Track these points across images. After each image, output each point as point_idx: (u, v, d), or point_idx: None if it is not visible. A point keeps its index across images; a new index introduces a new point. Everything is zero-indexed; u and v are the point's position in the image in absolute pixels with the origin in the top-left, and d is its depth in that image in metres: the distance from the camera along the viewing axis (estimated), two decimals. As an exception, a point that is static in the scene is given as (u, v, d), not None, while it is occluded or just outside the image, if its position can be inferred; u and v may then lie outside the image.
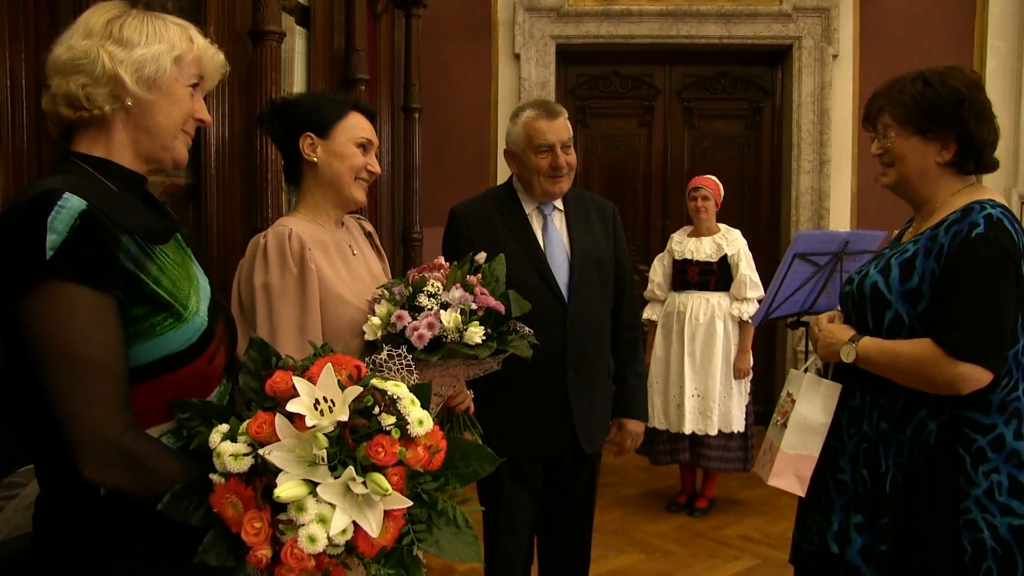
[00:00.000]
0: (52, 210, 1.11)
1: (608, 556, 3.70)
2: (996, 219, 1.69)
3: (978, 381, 1.66)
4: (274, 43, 2.35)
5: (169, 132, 1.29)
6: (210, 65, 1.34)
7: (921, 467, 1.71)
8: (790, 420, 1.85)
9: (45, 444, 1.21)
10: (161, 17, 1.30)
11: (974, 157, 1.77)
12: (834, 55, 5.13)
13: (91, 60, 1.22)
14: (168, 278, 1.23)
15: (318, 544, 1.00)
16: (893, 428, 1.76)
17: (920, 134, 1.77)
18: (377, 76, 3.86)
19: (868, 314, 1.80)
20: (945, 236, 1.71)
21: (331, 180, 1.87)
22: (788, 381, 1.99)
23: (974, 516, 1.67)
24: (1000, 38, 5.10)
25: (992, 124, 1.79)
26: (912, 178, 1.80)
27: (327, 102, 1.89)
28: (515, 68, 5.18)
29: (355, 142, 1.88)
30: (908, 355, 1.70)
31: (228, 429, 1.08)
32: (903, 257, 1.76)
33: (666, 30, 5.17)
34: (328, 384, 1.07)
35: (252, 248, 1.79)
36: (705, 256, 4.19)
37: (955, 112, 1.73)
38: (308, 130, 1.86)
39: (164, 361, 1.20)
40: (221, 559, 1.05)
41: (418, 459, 1.08)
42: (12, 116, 1.58)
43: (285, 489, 1.00)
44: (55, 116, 1.25)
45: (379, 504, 1.03)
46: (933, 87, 1.75)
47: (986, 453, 1.69)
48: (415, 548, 1.10)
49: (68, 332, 1.11)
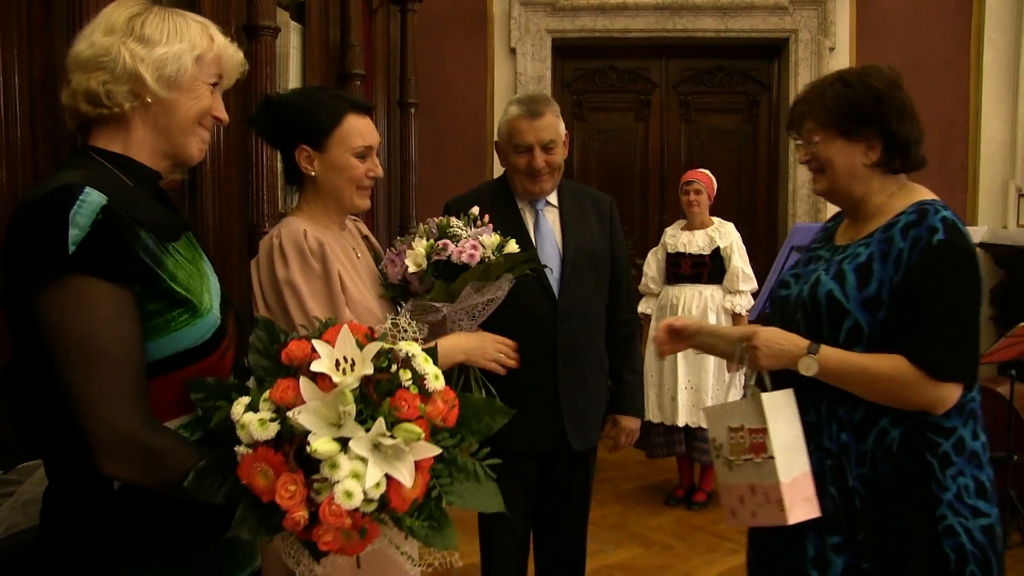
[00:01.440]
0: (74, 204, 1.11)
1: (607, 550, 3.71)
2: (951, 222, 1.66)
3: (953, 400, 1.64)
4: (269, 38, 2.35)
5: (187, 130, 1.30)
6: (229, 64, 1.34)
7: (887, 477, 1.67)
8: (775, 449, 1.67)
9: (55, 438, 1.20)
10: (182, 14, 1.30)
11: (900, 155, 1.75)
12: (831, 48, 5.12)
13: (112, 58, 1.22)
14: (182, 275, 1.23)
15: (354, 499, 1.00)
16: (853, 439, 1.70)
17: (844, 136, 1.75)
18: (373, 71, 3.85)
19: (824, 323, 1.73)
20: (903, 241, 1.67)
21: (332, 192, 1.84)
22: (720, 419, 1.80)
23: (951, 522, 1.65)
24: (997, 30, 5.09)
25: (915, 121, 1.76)
26: (842, 181, 1.78)
27: (319, 108, 1.81)
28: (511, 62, 5.17)
29: (353, 152, 1.82)
30: (883, 374, 1.64)
31: (249, 400, 1.08)
32: (857, 262, 1.71)
33: (662, 24, 5.16)
34: (347, 345, 1.08)
35: (266, 247, 1.77)
36: (697, 249, 4.21)
37: (875, 111, 1.72)
38: (303, 142, 1.80)
39: (179, 356, 1.21)
40: (254, 532, 1.05)
41: (438, 412, 1.10)
42: (6, 112, 1.58)
43: (320, 443, 1.01)
44: (74, 111, 1.25)
45: (408, 456, 1.05)
46: (852, 88, 1.75)
47: (951, 457, 1.67)
48: (443, 501, 1.12)
49: (87, 326, 1.11)
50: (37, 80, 1.64)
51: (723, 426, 1.78)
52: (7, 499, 1.54)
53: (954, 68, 5.15)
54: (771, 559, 1.83)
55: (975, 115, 5.15)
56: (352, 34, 3.28)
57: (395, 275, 1.93)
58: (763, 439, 1.69)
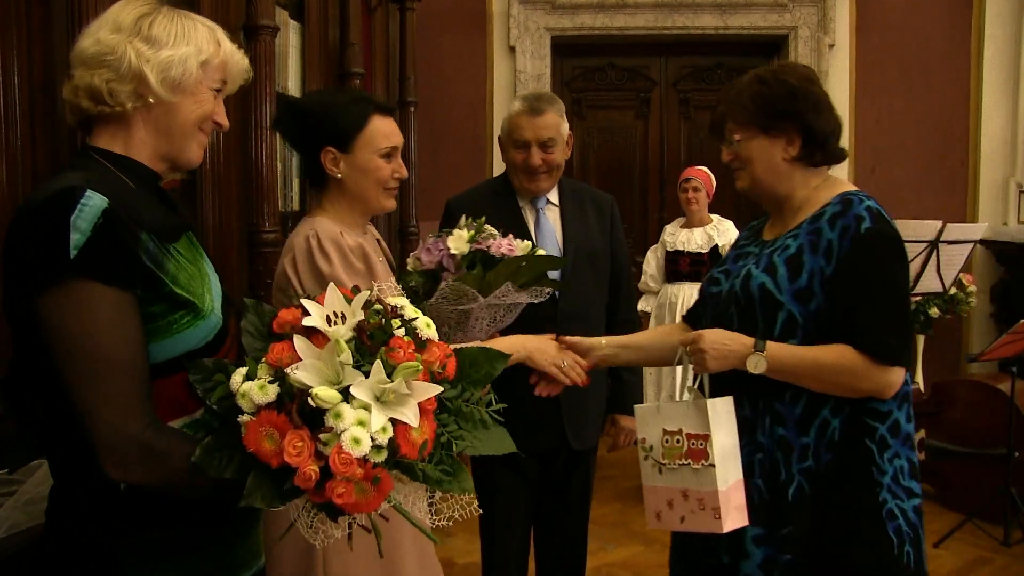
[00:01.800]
0: (75, 208, 1.11)
1: (608, 548, 3.71)
2: (876, 210, 1.70)
3: (900, 382, 1.67)
4: (268, 38, 2.35)
5: (187, 134, 1.30)
6: (234, 70, 1.34)
7: (830, 467, 1.69)
8: (716, 457, 1.65)
9: (59, 439, 1.21)
10: (190, 17, 1.29)
11: (819, 148, 1.78)
12: (830, 45, 5.12)
13: (117, 56, 1.21)
14: (184, 276, 1.23)
15: (363, 445, 1.00)
16: (793, 433, 1.71)
17: (763, 132, 1.77)
18: (372, 70, 3.85)
19: (758, 316, 1.74)
20: (831, 231, 1.70)
21: (358, 194, 1.84)
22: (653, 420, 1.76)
23: (891, 505, 1.68)
24: (997, 26, 5.09)
25: (831, 114, 1.79)
26: (764, 178, 1.80)
27: (345, 110, 1.81)
28: (510, 61, 5.17)
29: (379, 153, 1.82)
30: (831, 364, 1.65)
31: (247, 370, 1.08)
32: (787, 254, 1.73)
33: (661, 21, 5.16)
34: (335, 301, 1.09)
35: (303, 247, 1.75)
36: (696, 247, 4.21)
37: (791, 105, 1.75)
38: (328, 144, 1.80)
39: (182, 358, 1.21)
40: (267, 499, 1.04)
41: (435, 358, 1.10)
42: (5, 113, 1.58)
43: (322, 390, 1.01)
44: (75, 107, 1.25)
45: (410, 399, 1.04)
46: (768, 85, 1.77)
47: (887, 440, 1.70)
48: (453, 448, 1.11)
49: (89, 330, 1.11)
50: (37, 81, 1.64)
51: (657, 427, 1.75)
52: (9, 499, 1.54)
53: (954, 64, 5.15)
54: (691, 552, 1.85)
55: (975, 112, 5.14)
56: (351, 33, 3.27)
57: (430, 261, 1.95)
58: (704, 446, 1.67)
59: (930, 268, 3.29)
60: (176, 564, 1.23)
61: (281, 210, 2.64)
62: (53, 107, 1.68)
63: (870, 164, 5.18)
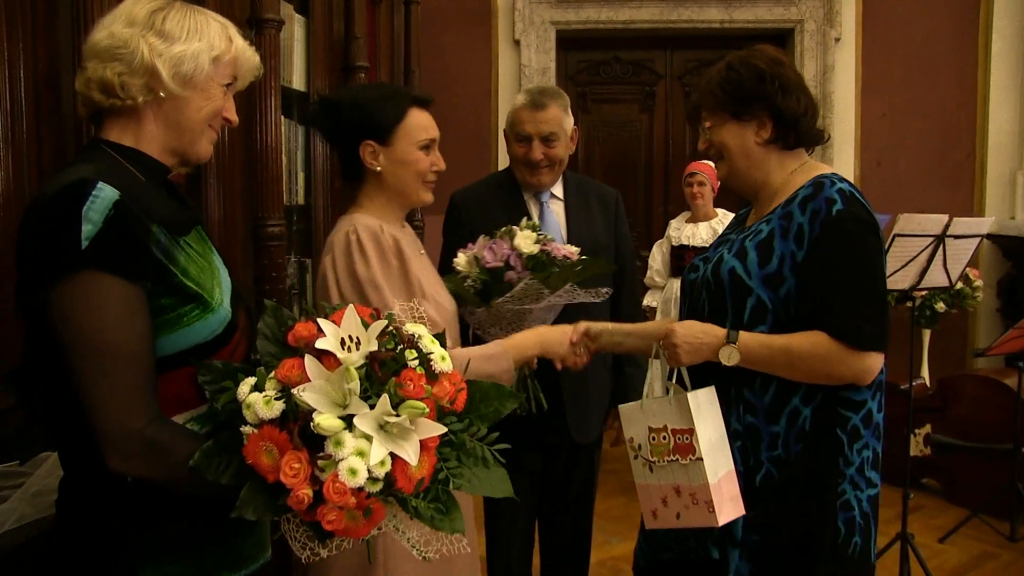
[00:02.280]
0: (87, 200, 1.11)
1: (612, 542, 3.71)
2: (850, 193, 1.68)
3: (878, 368, 1.65)
4: (273, 31, 2.34)
5: (197, 129, 1.31)
6: (245, 67, 1.35)
7: (799, 456, 1.68)
8: (703, 451, 1.64)
9: (70, 431, 1.21)
10: (203, 12, 1.30)
11: (791, 130, 1.76)
12: (836, 38, 5.10)
13: (130, 50, 1.22)
14: (193, 269, 1.24)
15: (359, 476, 1.00)
16: (763, 421, 1.70)
17: (734, 117, 1.77)
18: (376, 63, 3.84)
19: (728, 301, 1.73)
20: (802, 215, 1.67)
21: (397, 187, 1.84)
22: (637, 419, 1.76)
23: (848, 496, 1.68)
24: (1006, 18, 5.06)
25: (803, 95, 1.77)
26: (740, 164, 1.79)
27: (384, 103, 1.81)
28: (515, 54, 5.16)
29: (419, 145, 1.82)
30: (806, 352, 1.64)
31: (256, 381, 1.08)
32: (758, 239, 1.72)
33: (667, 15, 5.14)
34: (352, 324, 1.08)
35: (343, 244, 1.75)
36: (701, 241, 4.21)
37: (759, 88, 1.74)
38: (367, 137, 1.80)
39: (191, 351, 1.21)
40: (259, 512, 1.05)
41: (444, 392, 1.10)
42: (11, 107, 1.58)
43: (324, 418, 1.01)
44: (87, 99, 1.26)
45: (414, 435, 1.04)
46: (735, 70, 1.78)
47: (859, 430, 1.69)
48: (450, 484, 1.11)
49: (98, 322, 1.12)
50: (41, 75, 1.64)
51: (642, 426, 1.74)
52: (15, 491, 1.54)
53: (961, 58, 5.12)
54: (661, 536, 1.84)
55: (982, 105, 5.12)
56: (356, 26, 3.26)
57: (495, 259, 1.99)
58: (690, 440, 1.66)
59: (936, 262, 3.28)
60: (185, 556, 1.24)
61: (286, 204, 2.63)
62: (58, 101, 1.68)
63: (876, 158, 5.16)
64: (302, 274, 3.01)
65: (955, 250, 3.32)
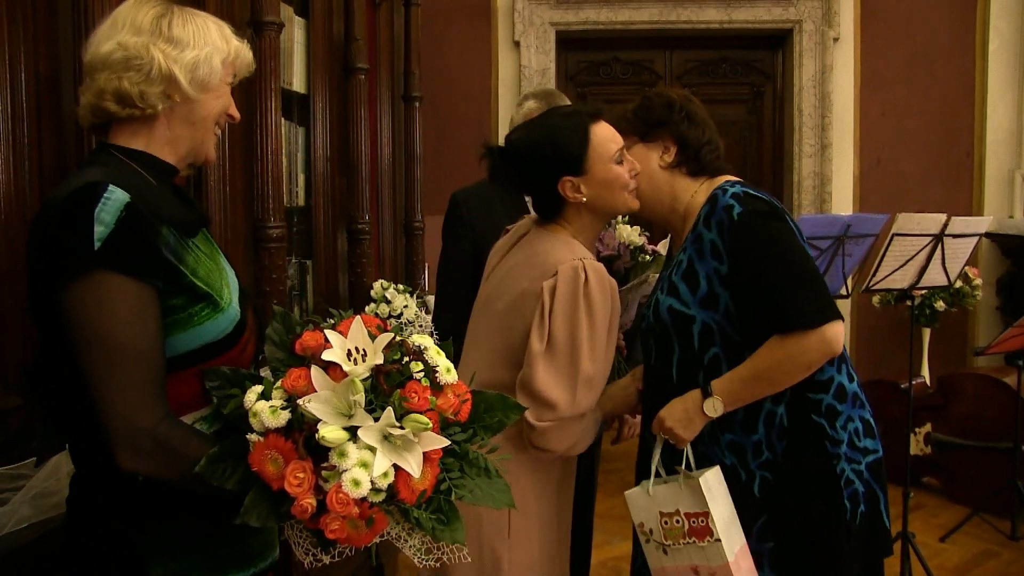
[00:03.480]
0: (98, 202, 1.13)
1: (613, 542, 3.71)
2: (743, 193, 1.73)
3: (840, 333, 1.66)
4: (273, 33, 2.35)
5: (207, 129, 1.33)
6: (242, 64, 1.37)
7: (786, 454, 1.70)
8: (720, 532, 1.65)
9: (81, 428, 1.22)
10: (199, 15, 1.32)
11: (693, 157, 1.84)
12: (835, 38, 5.10)
13: (146, 60, 1.23)
14: (203, 269, 1.25)
15: (362, 487, 1.01)
16: (742, 434, 1.73)
17: (641, 140, 1.87)
18: (377, 65, 3.85)
19: (673, 337, 1.76)
20: (709, 232, 1.72)
21: (604, 208, 1.82)
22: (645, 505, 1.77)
23: (847, 473, 1.70)
24: (1003, 18, 5.06)
25: (707, 128, 1.87)
26: (646, 186, 1.85)
27: (565, 134, 1.78)
28: (515, 55, 5.16)
29: (613, 160, 1.80)
30: (775, 362, 1.66)
31: (263, 389, 1.10)
32: (681, 270, 1.76)
33: (666, 15, 5.14)
34: (359, 335, 1.09)
35: (570, 275, 1.69)
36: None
37: (666, 114, 1.85)
38: (563, 174, 1.76)
39: (201, 350, 1.23)
40: (262, 519, 1.06)
41: (449, 404, 1.11)
42: (13, 109, 1.58)
43: (329, 430, 1.02)
44: (99, 110, 1.27)
45: (417, 447, 1.05)
46: (648, 98, 1.91)
47: (836, 407, 1.72)
48: (452, 495, 1.12)
49: (109, 322, 1.13)
50: (43, 77, 1.65)
51: (652, 512, 1.75)
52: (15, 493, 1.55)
53: (959, 56, 5.13)
54: None
55: (980, 104, 5.12)
56: (356, 28, 3.27)
57: (606, 250, 2.12)
58: (706, 522, 1.67)
59: (935, 261, 3.28)
60: (194, 553, 1.25)
61: (287, 205, 2.64)
62: (59, 104, 1.68)
63: (875, 157, 5.17)
64: (302, 275, 3.02)
65: (954, 249, 3.32)
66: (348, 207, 3.29)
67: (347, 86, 3.27)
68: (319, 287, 3.10)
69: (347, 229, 3.30)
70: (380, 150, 3.93)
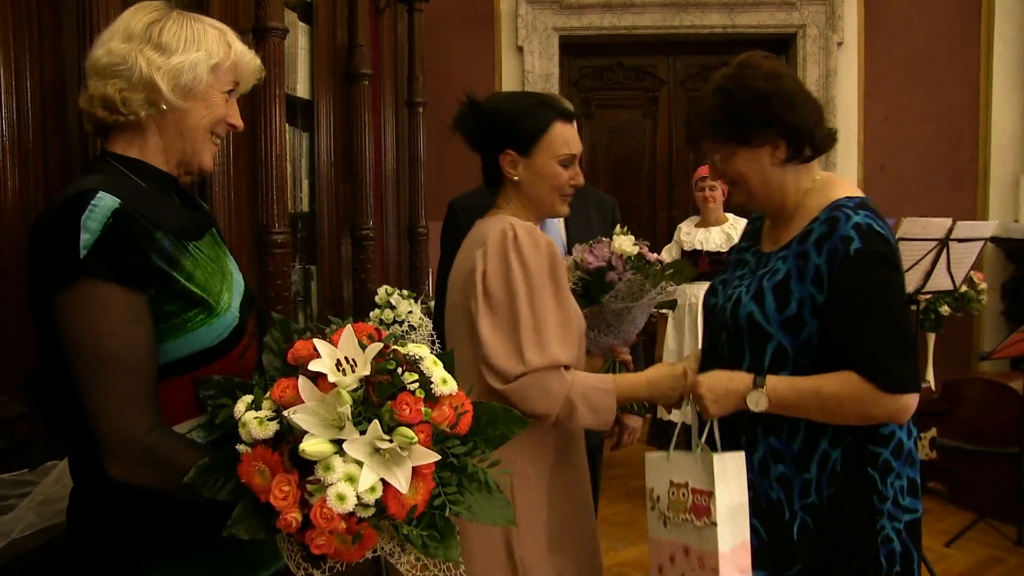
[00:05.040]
0: (86, 209, 1.12)
1: (617, 548, 3.70)
2: (865, 227, 1.58)
3: (913, 406, 1.58)
4: (277, 39, 2.35)
5: (200, 139, 1.31)
6: (246, 71, 1.35)
7: (832, 500, 1.61)
8: (719, 516, 1.58)
9: (78, 437, 1.22)
10: (200, 20, 1.31)
11: (807, 143, 1.67)
12: (839, 43, 5.10)
13: (129, 66, 1.23)
14: (201, 274, 1.24)
15: (347, 503, 0.99)
16: (793, 469, 1.64)
17: (744, 145, 1.67)
18: (380, 71, 3.86)
19: (746, 347, 1.67)
20: (818, 256, 1.59)
21: (534, 198, 1.83)
22: (661, 470, 1.72)
23: (887, 531, 1.62)
24: (1008, 22, 5.06)
25: (809, 103, 1.68)
26: (759, 191, 1.70)
27: (529, 114, 1.80)
28: (518, 61, 5.17)
29: (558, 160, 1.80)
30: (838, 393, 1.57)
31: (252, 399, 1.08)
32: (775, 280, 1.64)
33: (669, 20, 5.15)
34: (349, 345, 1.07)
35: (498, 238, 1.72)
36: (715, 246, 4.20)
37: (765, 111, 1.64)
38: (508, 146, 1.80)
39: (195, 356, 1.22)
40: (251, 531, 1.05)
41: (444, 417, 1.08)
42: (17, 113, 1.58)
43: (311, 444, 1.00)
44: (91, 116, 1.27)
45: (407, 461, 1.03)
46: (732, 95, 1.67)
47: (891, 463, 1.62)
48: (447, 511, 1.09)
49: (98, 331, 1.12)
50: (48, 83, 1.65)
51: (664, 478, 1.69)
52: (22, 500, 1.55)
53: (963, 61, 5.12)
54: None
55: (985, 108, 5.12)
56: (360, 34, 3.28)
57: (596, 261, 2.02)
58: (708, 502, 1.61)
59: (940, 266, 3.28)
60: (197, 560, 1.24)
61: (291, 211, 2.64)
62: (64, 110, 1.68)
63: (879, 162, 5.16)
64: (307, 281, 3.02)
65: (959, 253, 3.31)
66: (352, 213, 3.29)
67: (351, 92, 3.28)
68: (323, 293, 3.10)
69: (351, 235, 3.30)
70: (384, 156, 3.93)
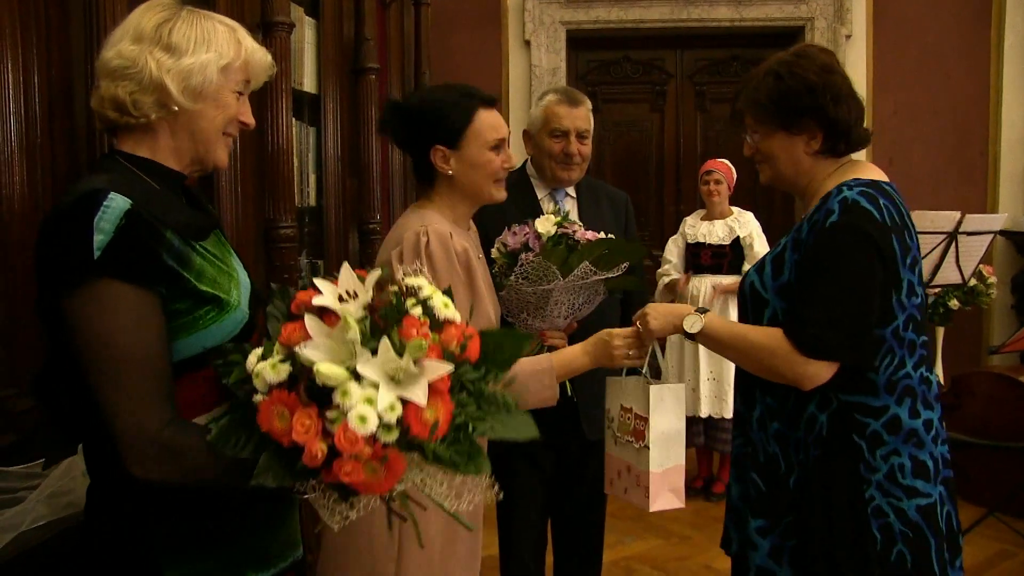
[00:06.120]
0: (98, 210, 1.13)
1: (626, 542, 3.71)
2: (851, 201, 1.63)
3: (823, 378, 1.62)
4: (284, 34, 2.35)
5: (212, 139, 1.31)
6: (258, 68, 1.35)
7: (816, 461, 1.67)
8: (651, 440, 1.73)
9: (93, 435, 1.23)
10: (211, 18, 1.30)
11: (843, 139, 1.75)
12: (847, 35, 5.07)
13: (139, 68, 1.23)
14: (209, 272, 1.25)
15: (369, 423, 0.99)
16: (787, 427, 1.71)
17: (784, 129, 1.74)
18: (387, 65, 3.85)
19: (750, 313, 1.77)
20: (808, 227, 1.68)
21: (469, 188, 1.84)
22: (616, 393, 1.88)
23: (879, 503, 1.64)
24: (1018, 15, 5.02)
25: (853, 102, 1.75)
26: (787, 173, 1.78)
27: (450, 107, 1.82)
28: (526, 55, 5.17)
29: (488, 146, 1.82)
30: (756, 342, 1.66)
31: (262, 351, 1.08)
32: (775, 252, 1.75)
33: (677, 14, 5.13)
34: (349, 280, 1.08)
35: (412, 242, 1.74)
36: (718, 240, 4.22)
37: (811, 101, 1.70)
38: (437, 142, 1.81)
39: (208, 353, 1.22)
40: (278, 478, 1.04)
41: (451, 338, 1.08)
42: (25, 112, 1.59)
43: (324, 366, 1.00)
44: (103, 117, 1.28)
45: (422, 378, 1.03)
46: (784, 80, 1.72)
47: (882, 436, 1.65)
48: (471, 430, 1.08)
49: (112, 329, 1.13)
50: (56, 81, 1.65)
51: (618, 402, 1.87)
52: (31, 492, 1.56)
53: (973, 54, 5.09)
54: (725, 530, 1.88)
55: (995, 102, 5.08)
56: (366, 29, 3.28)
57: (516, 243, 2.02)
58: (644, 427, 1.77)
59: (949, 259, 3.26)
60: (211, 555, 1.25)
61: (298, 205, 2.65)
62: (71, 109, 1.69)
63: (888, 155, 5.13)
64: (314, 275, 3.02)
65: (968, 247, 3.30)
66: (359, 207, 3.30)
67: (358, 86, 3.28)
68: (330, 287, 3.10)
69: (358, 229, 3.30)
70: (391, 150, 3.93)
